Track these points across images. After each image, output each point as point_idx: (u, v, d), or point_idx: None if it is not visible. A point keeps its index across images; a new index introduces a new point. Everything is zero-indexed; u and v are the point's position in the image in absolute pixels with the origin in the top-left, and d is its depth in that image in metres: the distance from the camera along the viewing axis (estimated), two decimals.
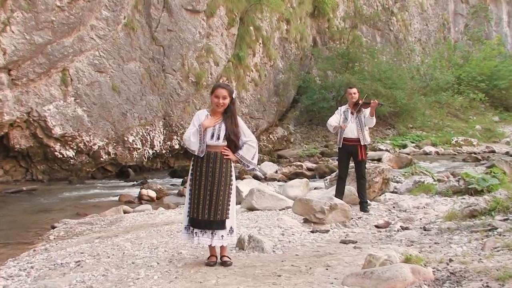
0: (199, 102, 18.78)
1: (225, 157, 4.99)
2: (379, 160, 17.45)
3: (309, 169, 16.96)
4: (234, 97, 5.05)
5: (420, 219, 7.31)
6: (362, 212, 8.07)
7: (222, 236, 4.95)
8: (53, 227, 8.84)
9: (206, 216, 4.90)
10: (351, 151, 8.23)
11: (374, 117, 8.18)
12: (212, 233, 4.93)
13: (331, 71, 27.82)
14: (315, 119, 27.00)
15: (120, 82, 16.08)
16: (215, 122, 4.97)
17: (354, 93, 8.34)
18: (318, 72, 28.05)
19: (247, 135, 5.09)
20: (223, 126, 4.98)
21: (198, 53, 19.09)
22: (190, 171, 5.05)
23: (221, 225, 4.93)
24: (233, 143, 5.00)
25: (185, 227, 5.05)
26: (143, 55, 16.99)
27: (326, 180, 10.82)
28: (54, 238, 7.95)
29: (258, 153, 5.33)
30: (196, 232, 4.95)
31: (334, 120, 8.35)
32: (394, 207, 8.61)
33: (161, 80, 17.60)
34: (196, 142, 4.94)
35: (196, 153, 4.96)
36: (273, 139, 24.24)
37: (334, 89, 26.57)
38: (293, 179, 12.58)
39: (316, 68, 28.15)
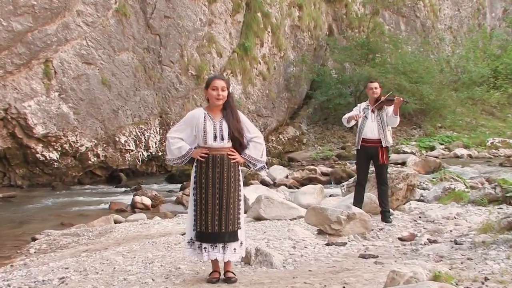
0: (200, 98, 18.81)
1: (232, 160, 4.99)
2: (403, 164, 17.40)
3: (323, 174, 16.97)
4: (231, 90, 5.10)
5: (451, 231, 7.28)
6: (384, 223, 8.05)
7: (235, 249, 4.96)
8: (34, 239, 8.86)
9: (217, 228, 4.89)
10: (371, 154, 8.21)
11: (398, 115, 8.15)
12: (223, 246, 4.93)
13: (349, 63, 27.82)
14: (330, 117, 26.99)
15: (110, 75, 16.15)
16: (202, 155, 4.98)
17: (376, 88, 8.32)
18: (334, 64, 28.04)
19: (251, 131, 5.10)
20: (225, 124, 4.98)
21: (198, 42, 19.14)
22: (192, 178, 5.03)
23: (234, 237, 4.94)
24: (238, 141, 5.01)
25: (188, 242, 5.04)
26: (137, 44, 17.06)
27: (343, 186, 10.81)
28: (35, 252, 7.97)
29: (266, 155, 5.33)
30: (205, 247, 4.94)
31: (348, 114, 8.38)
32: (420, 217, 8.59)
33: (157, 73, 17.66)
34: (176, 157, 5.06)
35: (169, 163, 5.13)
36: (283, 139, 24.26)
37: (352, 84, 26.57)
38: (306, 185, 12.57)
39: (332, 59, 28.15)
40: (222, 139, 4.95)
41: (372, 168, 8.64)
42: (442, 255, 5.81)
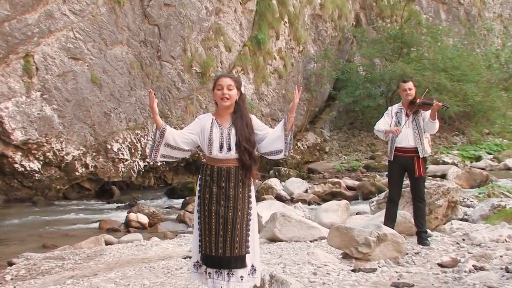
0: (206, 99, 18.87)
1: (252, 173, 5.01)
2: (444, 176, 17.33)
3: (349, 188, 16.98)
4: (243, 92, 5.08)
5: (501, 256, 7.23)
6: (421, 246, 8.01)
7: (242, 277, 4.92)
8: (11, 264, 8.88)
9: (221, 251, 4.87)
10: (405, 165, 8.18)
11: (436, 121, 8.10)
12: (228, 273, 4.92)
13: (379, 58, 27.78)
14: (357, 122, 26.96)
15: (101, 73, 16.25)
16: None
17: (410, 89, 8.29)
18: (362, 60, 28.03)
19: (264, 129, 5.14)
20: (233, 131, 4.97)
21: (204, 35, 19.20)
22: (197, 193, 5.05)
23: (241, 263, 4.91)
24: (247, 152, 4.98)
25: (194, 264, 5.06)
26: (132, 37, 17.15)
27: (372, 202, 10.78)
28: (12, 279, 7.97)
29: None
30: (210, 273, 4.94)
31: (383, 124, 8.34)
32: (464, 239, 8.54)
33: (155, 70, 17.75)
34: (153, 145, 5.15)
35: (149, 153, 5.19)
36: (302, 148, 24.25)
37: (383, 83, 26.54)
38: (329, 200, 12.65)
39: (359, 54, 28.15)
40: (230, 149, 4.93)
41: (406, 182, 8.61)
42: (491, 285, 5.78)
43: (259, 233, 8.77)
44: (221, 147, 4.93)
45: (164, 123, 5.11)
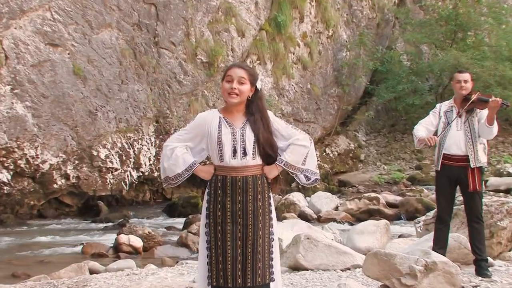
0: (213, 95, 18.90)
1: (269, 176, 5.00)
2: (508, 191, 17.23)
3: (390, 205, 16.96)
4: (259, 87, 5.05)
5: None
6: (480, 278, 7.98)
7: None
8: None
9: (240, 281, 4.86)
10: (456, 177, 8.07)
11: (494, 125, 7.98)
12: None
13: (428, 45, 27.69)
14: (400, 123, 26.89)
15: (86, 62, 16.31)
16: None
17: (466, 81, 8.18)
18: (406, 47, 27.98)
19: (288, 135, 5.06)
20: (248, 133, 4.94)
21: (211, 16, 19.24)
22: (204, 210, 5.03)
23: None
24: (269, 158, 4.99)
25: None
26: (124, 18, 17.22)
27: (419, 223, 10.74)
28: None
29: None
30: None
31: (422, 128, 8.20)
32: None
33: (152, 60, 17.82)
34: (176, 173, 5.01)
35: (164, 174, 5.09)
36: (331, 155, 24.23)
37: (432, 75, 26.46)
38: (364, 220, 12.60)
39: (402, 40, 28.10)
40: (245, 154, 4.92)
41: (460, 197, 8.57)
42: None
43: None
44: (234, 152, 4.91)
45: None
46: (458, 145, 8.02)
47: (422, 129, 8.16)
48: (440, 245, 8.18)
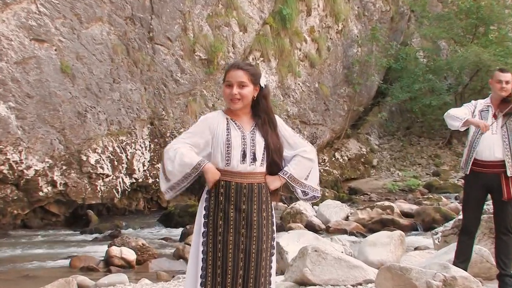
0: (213, 94, 18.90)
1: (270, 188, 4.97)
2: None
3: (405, 215, 16.91)
4: (263, 85, 5.01)
5: None
6: None
7: None
8: None
9: None
10: (488, 184, 7.98)
11: None
12: None
13: (446, 40, 27.66)
14: (415, 126, 26.87)
15: (74, 59, 16.27)
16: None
17: (507, 82, 8.08)
18: (423, 42, 27.96)
19: (294, 144, 5.06)
20: (258, 138, 4.95)
21: (211, 9, 19.24)
22: (201, 218, 4.98)
23: None
24: (277, 166, 5.00)
25: None
26: (115, 12, 17.21)
27: (437, 234, 10.75)
28: None
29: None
30: None
31: (463, 110, 8.04)
32: None
33: (146, 57, 17.80)
34: (181, 168, 4.86)
35: (162, 188, 5.03)
36: (341, 160, 24.23)
37: (451, 73, 26.41)
38: (377, 231, 12.59)
39: (418, 35, 28.08)
40: (254, 159, 4.92)
41: (488, 206, 8.50)
42: None
43: (284, 274, 8.75)
44: (243, 157, 4.89)
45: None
46: (492, 150, 7.91)
47: (465, 111, 8.02)
48: (462, 258, 8.10)
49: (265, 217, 4.90)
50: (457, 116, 7.96)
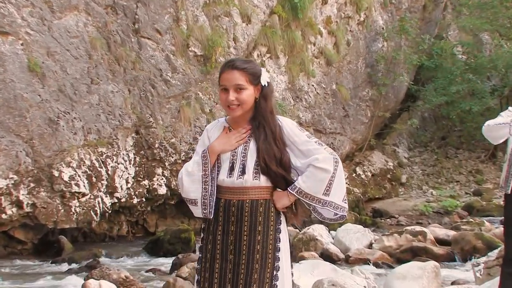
0: (210, 98, 18.96)
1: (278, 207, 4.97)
2: None
3: (440, 242, 16.92)
4: (265, 83, 5.05)
5: None
6: None
7: None
8: None
9: None
10: None
11: None
12: None
13: (489, 33, 27.70)
14: (453, 135, 27.00)
15: (45, 56, 16.28)
16: (241, 139, 5.01)
17: None
18: (461, 36, 28.06)
19: (307, 152, 4.97)
20: (251, 146, 4.99)
21: None
22: (200, 240, 5.06)
23: None
24: (278, 179, 4.95)
25: None
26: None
27: (478, 265, 10.78)
28: None
29: None
30: None
31: (503, 118, 8.02)
32: None
33: (131, 52, 17.85)
34: (197, 188, 4.96)
35: (199, 214, 5.02)
36: (363, 176, 24.28)
37: (496, 73, 26.43)
38: (407, 261, 12.66)
39: (456, 27, 28.15)
40: (243, 172, 4.94)
41: None
42: None
43: None
44: (231, 169, 4.95)
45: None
46: None
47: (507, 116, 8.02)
48: None
49: (259, 241, 4.87)
50: (501, 123, 7.98)
